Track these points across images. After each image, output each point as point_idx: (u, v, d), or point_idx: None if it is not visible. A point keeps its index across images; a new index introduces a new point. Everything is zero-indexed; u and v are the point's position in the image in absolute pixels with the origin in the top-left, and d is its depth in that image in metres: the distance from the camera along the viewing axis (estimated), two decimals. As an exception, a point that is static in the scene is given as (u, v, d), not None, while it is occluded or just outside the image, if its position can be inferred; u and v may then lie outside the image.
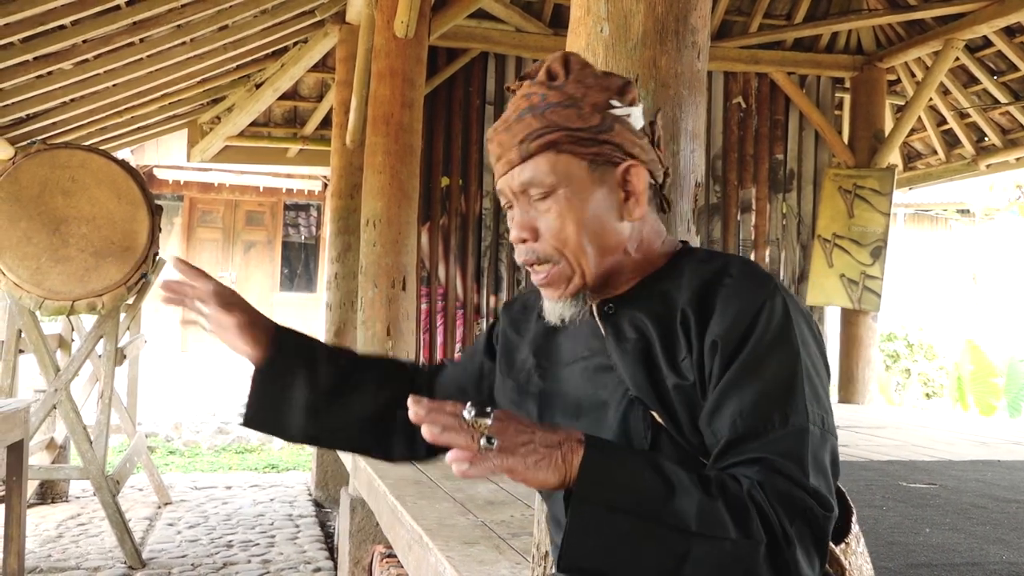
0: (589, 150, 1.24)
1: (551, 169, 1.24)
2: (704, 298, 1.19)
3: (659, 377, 1.19)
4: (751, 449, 1.10)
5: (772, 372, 1.14)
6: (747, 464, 1.09)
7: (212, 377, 11.10)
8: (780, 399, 1.12)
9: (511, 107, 1.29)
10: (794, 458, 1.10)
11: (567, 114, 1.24)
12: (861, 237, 7.21)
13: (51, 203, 4.75)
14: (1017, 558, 2.58)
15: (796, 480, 1.08)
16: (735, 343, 1.14)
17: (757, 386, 1.12)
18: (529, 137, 1.24)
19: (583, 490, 1.02)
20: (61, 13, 4.60)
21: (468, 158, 6.92)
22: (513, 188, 1.27)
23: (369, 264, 4.44)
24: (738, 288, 1.19)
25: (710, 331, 1.16)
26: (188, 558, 4.90)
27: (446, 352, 6.76)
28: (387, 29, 4.66)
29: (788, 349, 1.15)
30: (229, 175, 12.64)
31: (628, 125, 1.27)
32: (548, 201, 1.25)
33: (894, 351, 12.26)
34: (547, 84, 1.27)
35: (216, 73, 6.73)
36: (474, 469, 0.98)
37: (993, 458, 4.69)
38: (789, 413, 1.12)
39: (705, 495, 1.03)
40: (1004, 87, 7.29)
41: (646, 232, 1.30)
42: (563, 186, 1.24)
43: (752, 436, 1.11)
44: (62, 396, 4.91)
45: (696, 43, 1.66)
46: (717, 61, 7.15)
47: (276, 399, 1.47)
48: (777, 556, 1.04)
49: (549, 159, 1.24)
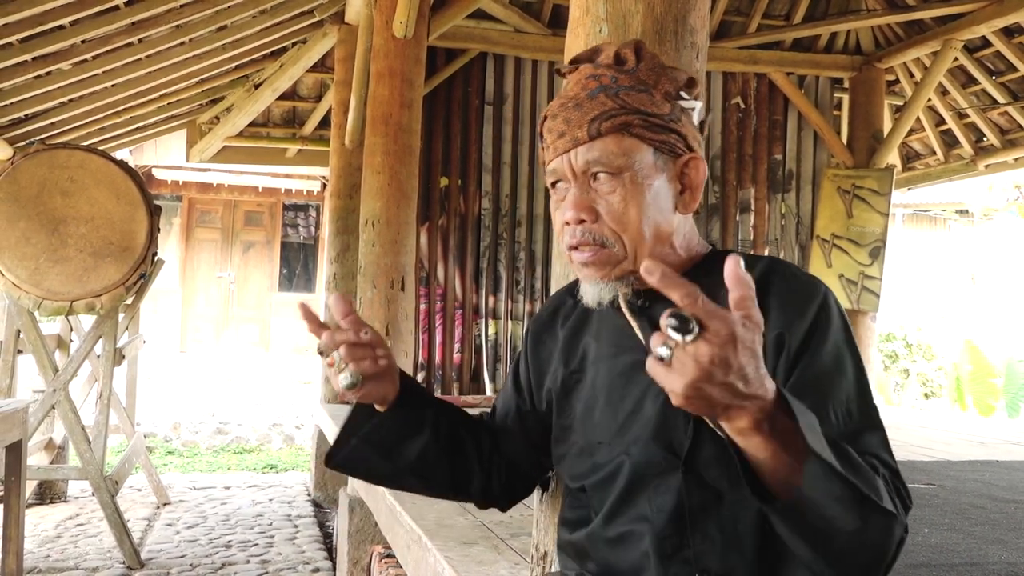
0: (658, 137, 1.24)
1: (620, 151, 1.23)
2: (759, 293, 1.20)
3: None
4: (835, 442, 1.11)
5: (845, 369, 1.17)
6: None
7: (211, 377, 11.09)
8: (857, 395, 1.16)
9: (576, 86, 1.28)
10: (883, 450, 1.13)
11: (641, 98, 1.24)
12: (860, 237, 7.21)
13: (50, 203, 4.75)
14: (1016, 558, 2.58)
15: (893, 470, 1.11)
16: (801, 338, 1.16)
17: (835, 383, 1.15)
18: (602, 116, 1.23)
19: (812, 444, 0.94)
20: (60, 13, 4.60)
21: (467, 158, 6.92)
22: (575, 166, 1.25)
23: (368, 264, 4.44)
24: (793, 286, 1.21)
25: (771, 324, 1.17)
26: (187, 558, 4.90)
27: (444, 352, 6.75)
28: (386, 29, 4.66)
29: (851, 346, 1.19)
30: (228, 175, 12.63)
31: (691, 118, 1.29)
32: (613, 182, 1.24)
33: (893, 351, 12.26)
34: (616, 68, 1.27)
35: (215, 73, 6.73)
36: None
37: (992, 458, 4.69)
38: (867, 408, 1.16)
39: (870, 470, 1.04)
40: (1003, 87, 7.29)
41: (687, 230, 1.32)
42: (629, 169, 1.24)
43: (835, 429, 1.12)
44: (61, 396, 4.91)
45: (695, 43, 1.66)
46: (716, 61, 7.16)
47: (388, 445, 1.40)
48: (901, 535, 1.07)
49: (619, 141, 1.23)
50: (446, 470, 1.45)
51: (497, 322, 6.87)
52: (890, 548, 1.06)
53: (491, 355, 6.82)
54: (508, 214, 6.95)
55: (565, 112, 1.26)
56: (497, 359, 6.84)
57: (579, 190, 1.25)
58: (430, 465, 1.43)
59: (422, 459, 1.41)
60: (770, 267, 1.25)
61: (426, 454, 1.41)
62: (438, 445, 1.42)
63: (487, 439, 1.50)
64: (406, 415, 1.39)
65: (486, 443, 1.49)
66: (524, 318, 6.91)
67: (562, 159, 1.26)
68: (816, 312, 1.18)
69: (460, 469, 1.46)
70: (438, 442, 1.42)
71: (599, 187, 1.25)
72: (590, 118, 1.23)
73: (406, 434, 1.40)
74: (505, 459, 1.49)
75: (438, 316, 6.78)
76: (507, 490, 1.52)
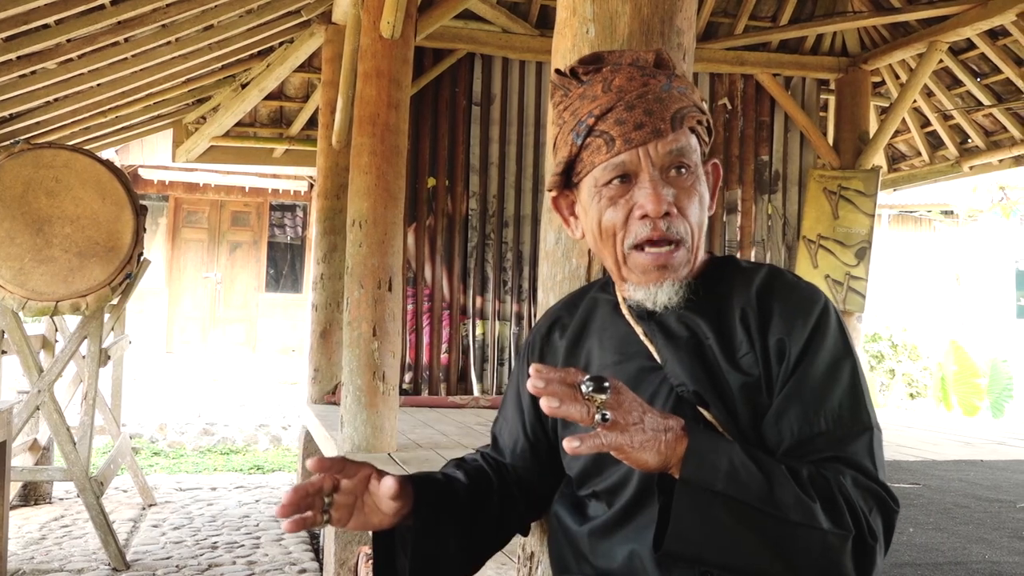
0: (706, 137, 1.29)
1: (692, 146, 1.25)
2: (762, 300, 1.24)
3: (717, 373, 1.22)
4: (824, 447, 1.14)
5: (839, 375, 1.18)
6: (823, 461, 1.13)
7: (197, 378, 11.05)
8: (848, 400, 1.17)
9: (635, 82, 1.25)
10: (866, 455, 1.15)
11: (697, 100, 1.27)
12: (846, 238, 7.24)
13: (35, 203, 4.72)
14: (999, 557, 2.60)
15: (871, 476, 1.13)
16: (801, 345, 1.19)
17: (827, 388, 1.17)
18: (684, 110, 1.24)
19: (688, 474, 1.03)
20: (45, 12, 4.57)
21: (454, 159, 6.91)
22: (654, 157, 1.23)
23: (355, 265, 4.42)
24: (794, 294, 1.24)
25: (773, 331, 1.20)
26: (173, 560, 4.88)
27: (432, 353, 6.74)
28: (373, 30, 4.65)
29: (849, 353, 1.21)
30: (214, 175, 12.59)
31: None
32: (689, 177, 1.25)
33: (878, 352, 12.32)
34: (664, 71, 1.28)
35: (201, 73, 6.70)
36: (584, 446, 0.99)
37: (976, 458, 4.72)
38: (857, 413, 1.17)
39: (799, 486, 1.06)
40: (987, 89, 7.34)
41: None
42: (696, 166, 1.26)
43: (824, 435, 1.15)
44: (45, 397, 4.88)
45: (682, 44, 1.67)
46: (703, 62, 7.17)
47: (429, 554, 1.31)
48: (862, 547, 1.08)
49: (688, 136, 1.25)
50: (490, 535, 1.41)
51: (484, 322, 6.86)
52: (839, 562, 1.06)
53: (478, 356, 6.82)
54: (495, 214, 6.95)
55: (645, 103, 1.23)
56: (484, 360, 6.83)
57: (657, 183, 1.23)
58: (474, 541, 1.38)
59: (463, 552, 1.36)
60: (771, 274, 1.27)
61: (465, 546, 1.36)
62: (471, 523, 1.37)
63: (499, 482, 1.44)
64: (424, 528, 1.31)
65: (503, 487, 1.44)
66: (511, 318, 6.91)
67: (639, 151, 1.23)
68: (816, 319, 1.20)
69: (499, 525, 1.43)
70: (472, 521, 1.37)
71: (676, 180, 1.24)
72: (673, 110, 1.23)
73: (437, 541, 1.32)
74: (523, 490, 1.46)
75: (425, 317, 6.77)
76: (529, 514, 1.50)
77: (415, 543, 1.28)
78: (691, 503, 1.03)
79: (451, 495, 1.36)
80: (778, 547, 1.04)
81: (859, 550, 1.08)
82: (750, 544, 1.04)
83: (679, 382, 1.23)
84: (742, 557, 1.04)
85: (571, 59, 1.63)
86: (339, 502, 1.24)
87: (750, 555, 1.04)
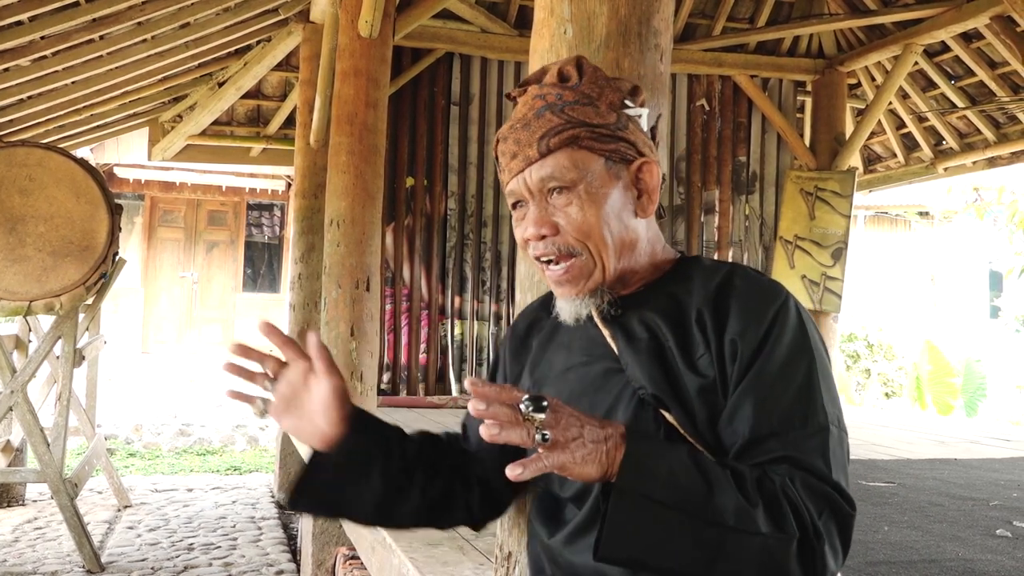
0: (607, 147, 1.27)
1: (572, 164, 1.26)
2: (719, 299, 1.23)
3: (675, 375, 1.22)
4: (775, 448, 1.14)
5: (792, 373, 1.18)
6: (773, 462, 1.13)
7: (173, 378, 10.97)
8: (801, 399, 1.16)
9: (524, 107, 1.31)
10: (818, 456, 1.14)
11: (586, 111, 1.27)
12: (822, 239, 7.29)
13: (7, 202, 4.67)
14: (972, 555, 2.63)
15: (822, 477, 1.12)
16: (755, 344, 1.18)
17: (779, 387, 1.16)
18: (550, 133, 1.26)
19: (624, 482, 1.04)
20: (18, 9, 4.52)
21: (433, 158, 6.90)
22: (531, 184, 1.28)
23: (333, 264, 4.42)
24: (752, 292, 1.23)
25: (728, 330, 1.20)
26: (148, 561, 4.85)
27: (410, 353, 6.73)
28: (351, 28, 4.64)
29: (806, 351, 1.19)
30: (191, 174, 12.51)
31: (639, 125, 1.31)
32: (568, 195, 1.26)
33: (854, 351, 12.42)
34: (561, 85, 1.30)
35: (178, 71, 6.65)
36: (527, 472, 1.00)
37: (950, 456, 4.77)
38: (810, 413, 1.16)
39: (741, 491, 1.06)
40: (961, 92, 7.41)
41: (651, 236, 1.34)
42: (583, 181, 1.26)
43: (775, 435, 1.14)
44: (18, 398, 4.83)
45: (659, 45, 1.67)
46: (681, 63, 7.20)
47: (347, 484, 1.35)
48: (807, 550, 1.07)
49: (569, 155, 1.26)
50: (431, 494, 1.39)
51: (463, 322, 6.86)
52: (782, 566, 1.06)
53: (457, 355, 6.81)
54: (474, 214, 6.95)
55: (515, 134, 1.29)
56: (463, 359, 6.83)
57: (537, 207, 1.28)
58: (403, 492, 1.37)
59: (391, 485, 1.36)
60: (732, 272, 1.27)
61: (393, 480, 1.36)
62: (407, 470, 1.37)
63: (462, 460, 1.45)
64: (360, 443, 1.33)
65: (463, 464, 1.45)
66: (490, 318, 6.91)
67: (518, 179, 1.28)
68: (772, 318, 1.19)
69: (440, 492, 1.41)
70: (406, 467, 1.37)
71: (556, 202, 1.27)
72: (538, 136, 1.26)
73: (360, 472, 1.34)
74: (482, 480, 1.45)
75: (404, 317, 6.76)
76: (484, 510, 1.48)
77: (336, 462, 1.33)
78: (626, 509, 1.03)
79: (397, 440, 1.38)
80: (716, 552, 1.04)
81: (805, 553, 1.07)
82: (687, 549, 1.04)
83: (639, 385, 1.23)
84: (679, 562, 1.05)
85: (549, 59, 1.64)
86: (278, 391, 1.31)
87: (688, 560, 1.05)
